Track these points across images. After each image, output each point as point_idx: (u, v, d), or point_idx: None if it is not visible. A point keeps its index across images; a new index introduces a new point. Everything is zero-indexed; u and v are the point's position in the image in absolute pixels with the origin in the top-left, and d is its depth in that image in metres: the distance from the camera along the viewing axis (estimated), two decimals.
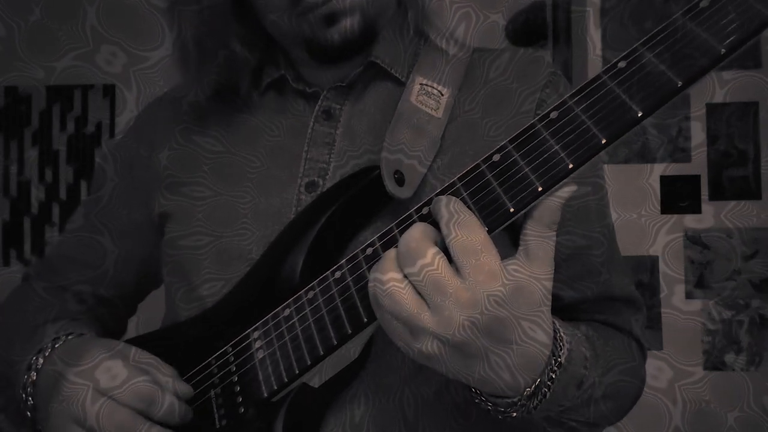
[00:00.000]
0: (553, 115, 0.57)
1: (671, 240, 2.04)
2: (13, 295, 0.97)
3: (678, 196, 2.06)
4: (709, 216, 2.04)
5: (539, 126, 0.58)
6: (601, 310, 0.83)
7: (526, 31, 2.12)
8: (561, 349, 0.61)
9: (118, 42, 2.24)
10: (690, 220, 2.04)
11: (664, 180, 2.06)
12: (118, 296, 0.96)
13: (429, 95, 0.79)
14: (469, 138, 0.79)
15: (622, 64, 0.56)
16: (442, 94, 0.80)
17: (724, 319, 2.03)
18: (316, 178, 0.80)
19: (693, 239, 2.05)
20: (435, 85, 0.80)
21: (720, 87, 2.03)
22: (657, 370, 1.99)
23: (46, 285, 0.94)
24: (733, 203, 2.03)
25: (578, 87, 0.58)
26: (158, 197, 0.88)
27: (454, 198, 0.58)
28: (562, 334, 0.62)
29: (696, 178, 2.06)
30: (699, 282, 2.04)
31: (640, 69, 0.55)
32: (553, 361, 0.60)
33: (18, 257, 2.37)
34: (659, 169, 2.06)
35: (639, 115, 0.54)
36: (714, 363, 2.02)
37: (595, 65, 2.08)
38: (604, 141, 0.55)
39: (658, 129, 2.06)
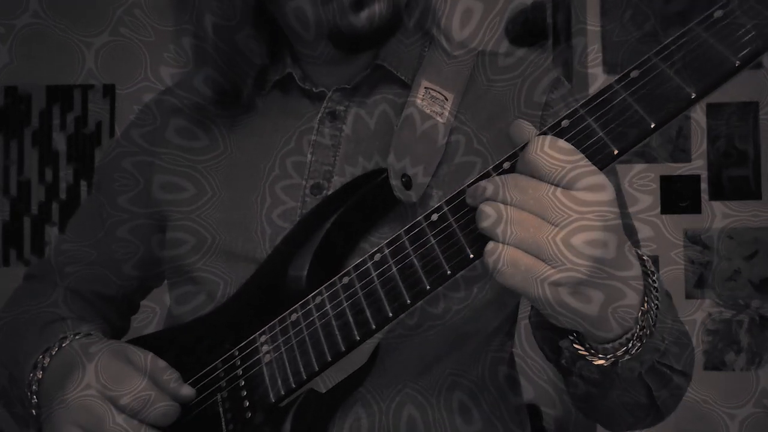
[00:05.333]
0: (565, 123, 0.56)
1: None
2: (16, 294, 0.97)
3: (678, 196, 2.06)
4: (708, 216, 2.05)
5: (551, 135, 0.56)
6: None
7: (526, 31, 2.12)
8: (654, 274, 0.60)
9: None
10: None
11: (664, 180, 2.07)
12: (121, 294, 0.95)
13: (434, 99, 0.79)
14: (475, 142, 0.79)
15: (634, 74, 0.55)
16: (447, 99, 0.79)
17: (724, 319, 2.03)
18: (321, 181, 0.80)
19: (693, 239, 2.05)
20: (439, 89, 0.80)
21: None
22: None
23: (49, 284, 0.94)
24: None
25: (590, 96, 0.57)
26: (158, 196, 0.88)
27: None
28: (646, 261, 0.61)
29: (696, 178, 2.06)
30: (699, 282, 2.05)
31: (653, 79, 0.54)
32: (651, 281, 0.59)
33: (18, 257, 2.37)
34: (659, 169, 2.07)
35: (652, 126, 0.54)
36: (714, 363, 2.03)
37: (595, 65, 2.08)
38: (616, 152, 0.55)
39: None
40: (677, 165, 2.07)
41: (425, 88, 0.79)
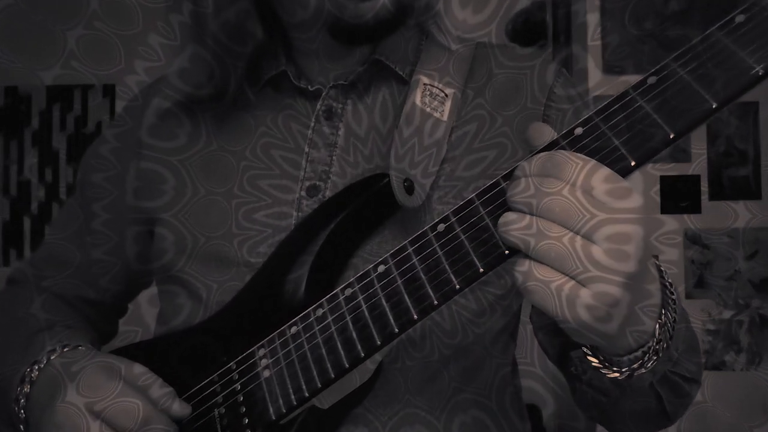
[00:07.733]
0: (578, 131, 0.54)
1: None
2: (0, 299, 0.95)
3: (678, 196, 2.06)
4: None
5: (563, 143, 0.54)
6: None
7: (526, 31, 2.11)
8: (672, 286, 0.59)
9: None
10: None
11: (664, 180, 2.06)
12: (107, 298, 0.93)
13: (433, 96, 0.77)
14: (477, 140, 0.78)
15: (652, 80, 0.52)
16: (447, 96, 0.77)
17: (724, 319, 2.03)
18: (317, 182, 0.78)
19: (693, 239, 2.05)
20: (439, 86, 0.77)
21: None
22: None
23: (35, 289, 0.92)
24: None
25: (605, 103, 0.54)
26: (145, 194, 0.86)
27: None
28: (664, 272, 0.59)
29: (696, 178, 2.06)
30: (699, 282, 2.04)
31: (671, 86, 0.51)
32: (669, 293, 0.57)
33: (18, 257, 2.37)
34: (659, 169, 2.06)
35: (671, 136, 0.51)
36: (714, 363, 2.02)
37: (594, 64, 2.07)
38: (633, 163, 0.52)
39: None
40: (677, 165, 2.06)
41: (424, 84, 0.77)
